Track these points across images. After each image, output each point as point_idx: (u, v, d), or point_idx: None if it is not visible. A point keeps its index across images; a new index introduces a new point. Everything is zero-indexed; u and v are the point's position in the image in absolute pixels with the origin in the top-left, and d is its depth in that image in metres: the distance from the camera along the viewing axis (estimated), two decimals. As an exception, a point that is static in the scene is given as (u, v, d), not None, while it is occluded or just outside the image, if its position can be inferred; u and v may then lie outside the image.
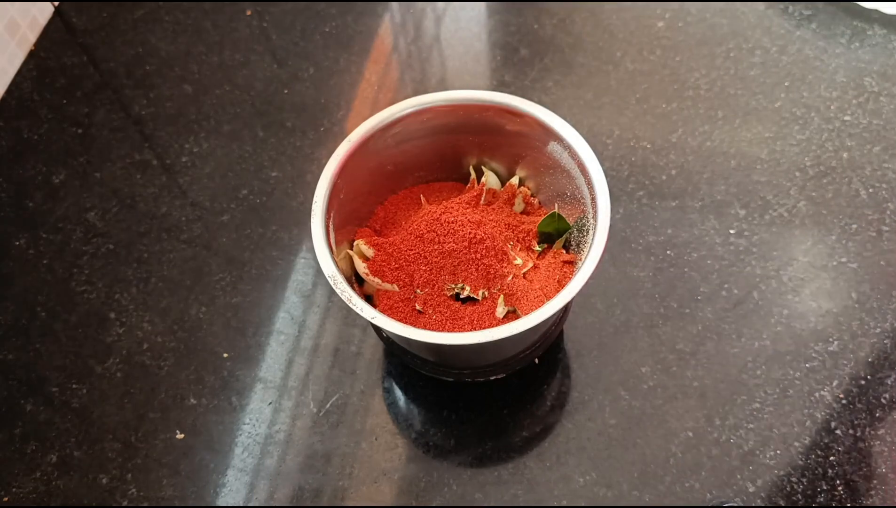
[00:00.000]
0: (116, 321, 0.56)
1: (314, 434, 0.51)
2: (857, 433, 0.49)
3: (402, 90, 0.68)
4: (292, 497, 0.49)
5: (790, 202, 0.59)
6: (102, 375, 0.54)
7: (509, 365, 0.50)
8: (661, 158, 0.62)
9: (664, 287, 0.55)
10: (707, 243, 0.57)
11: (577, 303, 0.55)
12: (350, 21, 0.72)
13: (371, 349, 0.54)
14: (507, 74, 0.68)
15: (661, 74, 0.67)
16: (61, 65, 0.71)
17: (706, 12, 0.70)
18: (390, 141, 0.49)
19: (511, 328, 0.40)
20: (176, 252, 0.59)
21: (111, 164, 0.64)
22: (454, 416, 0.51)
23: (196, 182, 0.63)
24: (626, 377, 0.52)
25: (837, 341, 0.53)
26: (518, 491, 0.49)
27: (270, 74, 0.69)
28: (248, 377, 0.54)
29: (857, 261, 0.56)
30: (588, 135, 0.50)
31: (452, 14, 0.72)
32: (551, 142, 0.48)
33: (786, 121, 0.63)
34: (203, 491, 0.50)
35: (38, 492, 0.50)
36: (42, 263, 0.59)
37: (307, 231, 0.60)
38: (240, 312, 0.56)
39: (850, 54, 0.67)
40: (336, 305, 0.56)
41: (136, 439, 0.52)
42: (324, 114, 0.66)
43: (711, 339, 0.53)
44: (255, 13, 0.73)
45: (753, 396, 0.51)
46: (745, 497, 0.48)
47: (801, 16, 0.69)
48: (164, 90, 0.69)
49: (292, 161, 0.64)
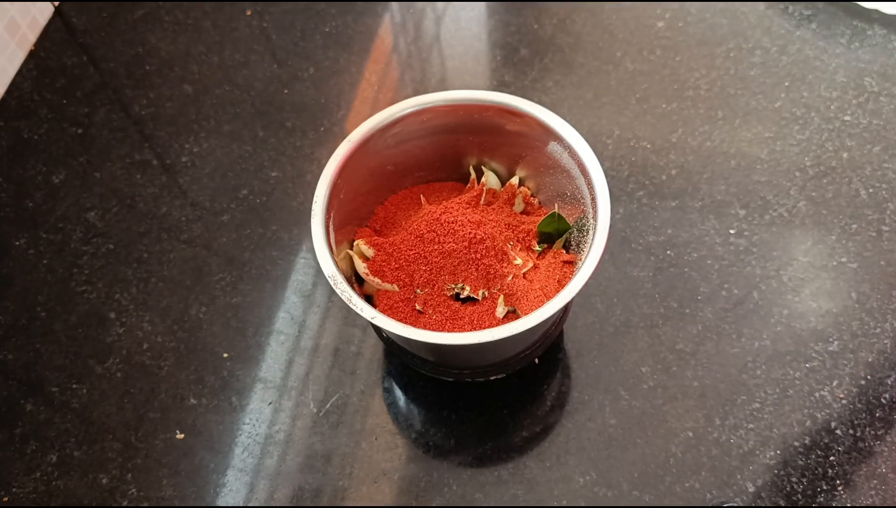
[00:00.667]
0: (116, 320, 0.56)
1: (314, 434, 0.51)
2: (857, 433, 0.49)
3: (402, 90, 0.68)
4: (292, 497, 0.49)
5: (790, 202, 0.59)
6: (102, 375, 0.54)
7: (509, 365, 0.50)
8: (661, 158, 0.62)
9: (664, 287, 0.55)
10: (707, 243, 0.57)
11: (577, 303, 0.55)
12: (350, 21, 0.72)
13: (371, 349, 0.54)
14: (507, 74, 0.68)
15: (661, 74, 0.67)
16: (61, 65, 0.71)
17: (706, 12, 0.70)
18: (390, 141, 0.49)
19: (511, 328, 0.40)
20: (176, 252, 0.59)
21: (111, 164, 0.64)
22: (454, 416, 0.51)
23: (196, 182, 0.63)
24: (626, 377, 0.52)
25: (837, 341, 0.53)
26: (518, 491, 0.49)
27: (270, 74, 0.69)
28: (248, 377, 0.54)
29: (857, 261, 0.56)
30: (588, 135, 0.50)
31: (452, 14, 0.72)
32: (551, 142, 0.48)
33: (786, 121, 0.63)
34: (203, 491, 0.50)
35: (38, 492, 0.50)
36: (42, 263, 0.59)
37: (307, 231, 0.60)
38: (240, 312, 0.56)
39: (850, 54, 0.67)
40: (336, 305, 0.56)
41: (136, 439, 0.52)
42: (324, 114, 0.66)
43: (711, 339, 0.53)
44: (255, 13, 0.73)
45: (753, 396, 0.51)
46: (745, 497, 0.48)
47: (801, 16, 0.69)
48: (164, 90, 0.69)
49: (292, 161, 0.64)
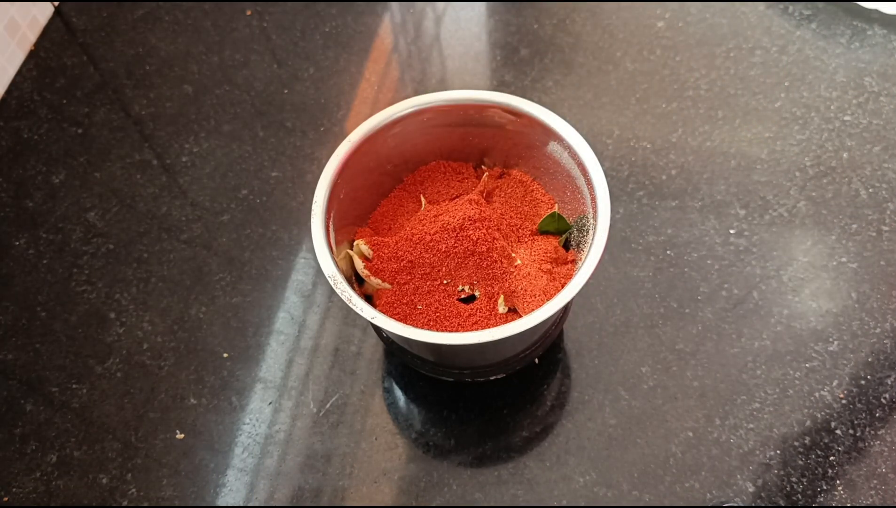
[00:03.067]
0: (116, 321, 0.56)
1: (314, 434, 0.51)
2: (857, 433, 0.49)
3: (402, 90, 0.68)
4: (292, 497, 0.49)
5: (790, 202, 0.59)
6: (102, 375, 0.54)
7: (509, 365, 0.50)
8: (661, 158, 0.62)
9: (664, 287, 0.55)
10: (707, 243, 0.57)
11: (577, 303, 0.55)
12: (350, 21, 0.72)
13: (371, 349, 0.54)
14: (507, 74, 0.68)
15: (661, 74, 0.67)
16: (61, 65, 0.71)
17: (706, 12, 0.70)
18: (390, 141, 0.49)
19: (511, 327, 0.40)
20: (176, 252, 0.59)
21: (111, 164, 0.64)
22: (454, 416, 0.51)
23: (196, 182, 0.63)
24: (626, 377, 0.52)
25: (837, 341, 0.53)
26: (518, 491, 0.49)
27: (270, 74, 0.69)
28: (248, 377, 0.54)
29: (857, 261, 0.56)
30: (588, 135, 0.50)
31: (452, 14, 0.72)
32: (551, 142, 0.48)
33: (786, 121, 0.63)
34: (203, 491, 0.50)
35: (38, 492, 0.50)
36: (42, 263, 0.59)
37: (307, 231, 0.60)
38: (240, 312, 0.56)
39: (850, 54, 0.67)
40: (336, 305, 0.56)
41: (136, 439, 0.52)
42: (324, 114, 0.66)
43: (711, 339, 0.53)
44: (255, 13, 0.73)
45: (753, 396, 0.51)
46: (745, 497, 0.48)
47: (801, 16, 0.69)
48: (164, 90, 0.69)
49: (292, 161, 0.64)
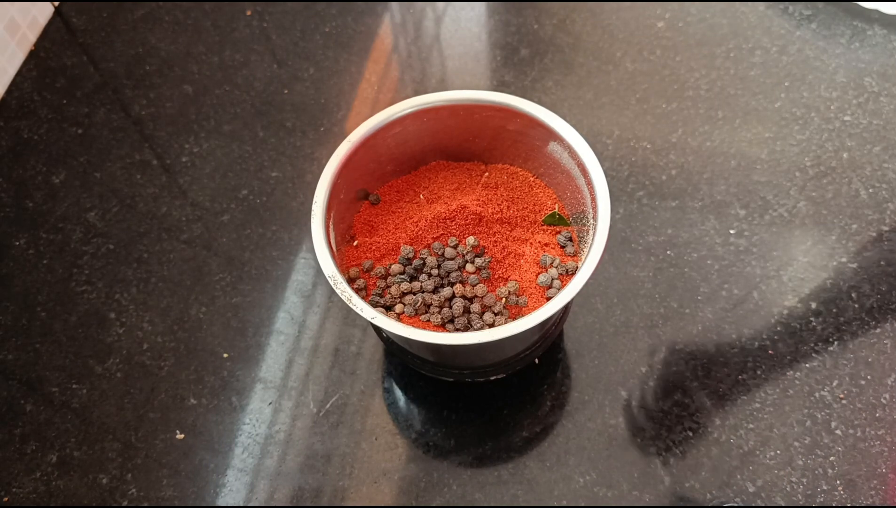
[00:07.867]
0: (116, 321, 0.56)
1: (314, 434, 0.51)
2: (857, 433, 0.49)
3: (402, 90, 0.68)
4: (292, 497, 0.49)
5: (790, 202, 0.59)
6: (102, 375, 0.54)
7: (509, 365, 0.50)
8: (661, 158, 0.62)
9: (664, 287, 0.55)
10: (707, 243, 0.57)
11: (577, 303, 0.55)
12: (350, 21, 0.72)
13: (371, 349, 0.54)
14: (507, 74, 0.68)
15: (661, 74, 0.67)
16: (61, 65, 0.71)
17: (706, 12, 0.70)
18: (390, 141, 0.49)
19: (511, 327, 0.40)
20: (176, 252, 0.59)
21: (111, 164, 0.64)
22: (454, 416, 0.51)
23: (196, 182, 0.63)
24: (626, 377, 0.52)
25: (837, 341, 0.53)
26: (518, 491, 0.49)
27: (270, 73, 0.69)
28: (248, 377, 0.54)
29: (857, 261, 0.56)
30: (588, 135, 0.50)
31: (452, 14, 0.72)
32: (551, 142, 0.48)
33: (786, 121, 0.63)
34: (203, 491, 0.50)
35: (38, 492, 0.50)
36: (42, 263, 0.59)
37: (307, 231, 0.60)
38: (240, 312, 0.56)
39: (850, 54, 0.67)
40: (336, 305, 0.56)
41: (136, 439, 0.52)
42: (324, 114, 0.66)
43: (711, 339, 0.53)
44: (255, 13, 0.73)
45: (753, 396, 0.51)
46: (745, 497, 0.48)
47: (801, 16, 0.69)
48: (164, 90, 0.69)
49: (292, 161, 0.64)
